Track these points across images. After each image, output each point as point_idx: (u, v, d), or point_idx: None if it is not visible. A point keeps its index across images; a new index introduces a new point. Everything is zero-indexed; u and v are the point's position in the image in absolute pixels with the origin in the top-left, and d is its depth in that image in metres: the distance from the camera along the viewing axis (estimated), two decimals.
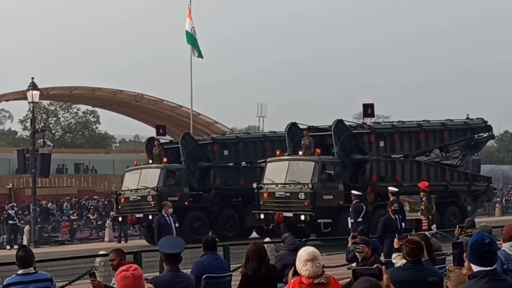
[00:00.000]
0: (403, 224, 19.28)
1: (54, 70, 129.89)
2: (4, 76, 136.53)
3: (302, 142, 30.59)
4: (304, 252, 6.62)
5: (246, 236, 34.04)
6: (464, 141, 35.51)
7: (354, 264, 13.36)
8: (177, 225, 20.90)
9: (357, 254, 10.84)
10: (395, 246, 9.86)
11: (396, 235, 10.70)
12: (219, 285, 10.68)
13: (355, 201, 24.37)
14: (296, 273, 6.89)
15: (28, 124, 69.79)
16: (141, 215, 33.59)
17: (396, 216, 18.63)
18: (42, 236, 38.67)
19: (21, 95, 50.06)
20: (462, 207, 33.64)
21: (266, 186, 30.13)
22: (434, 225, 24.61)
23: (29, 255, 8.93)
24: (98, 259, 15.65)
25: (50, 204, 49.31)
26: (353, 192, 25.20)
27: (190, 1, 44.30)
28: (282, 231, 28.72)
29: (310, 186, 28.62)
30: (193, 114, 48.62)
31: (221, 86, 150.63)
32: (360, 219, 23.23)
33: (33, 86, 38.86)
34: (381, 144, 31.18)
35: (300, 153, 30.15)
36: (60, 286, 12.93)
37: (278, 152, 31.00)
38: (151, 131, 40.56)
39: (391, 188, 24.05)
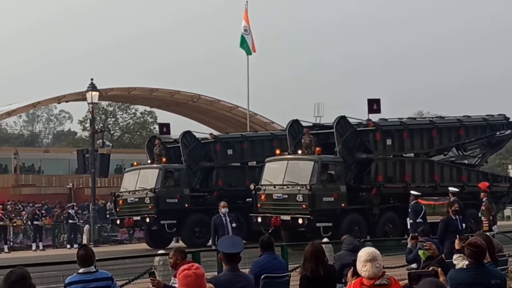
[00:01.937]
0: (463, 224, 19.01)
1: (113, 71, 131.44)
2: (63, 77, 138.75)
3: (303, 140, 28.76)
4: (364, 252, 6.56)
5: (255, 240, 32.23)
6: (484, 139, 33.35)
7: (414, 265, 13.24)
8: (234, 225, 20.75)
9: (420, 253, 10.72)
10: (456, 247, 9.72)
11: (457, 236, 10.53)
12: (277, 285, 10.64)
13: (414, 201, 24.08)
14: (355, 273, 6.84)
15: (87, 125, 70.66)
16: (138, 217, 32.34)
17: (457, 217, 18.38)
18: (101, 235, 39.20)
19: (80, 96, 50.71)
20: None
21: (264, 187, 28.23)
22: (495, 226, 24.17)
23: (90, 254, 9.04)
24: (157, 258, 15.76)
25: (109, 203, 49.89)
26: (412, 192, 24.88)
27: (247, 1, 44.18)
28: (283, 236, 27.46)
29: (308, 187, 26.71)
30: (249, 114, 48.60)
31: (279, 85, 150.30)
32: (419, 220, 22.95)
33: (92, 87, 39.40)
34: (388, 142, 29.05)
35: (299, 152, 28.32)
36: (120, 285, 13.03)
37: (277, 151, 29.16)
38: (208, 132, 40.70)
39: (451, 189, 23.75)
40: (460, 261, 9.36)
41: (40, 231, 37.89)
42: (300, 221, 26.57)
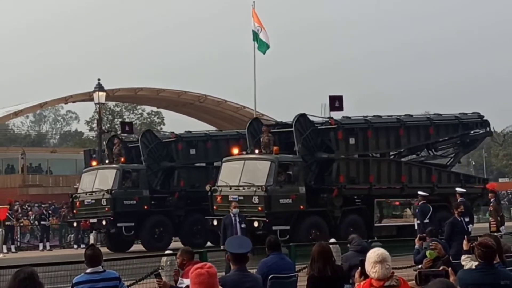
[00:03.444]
0: (469, 225, 18.93)
1: (120, 71, 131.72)
2: (71, 78, 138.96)
3: (261, 139, 27.17)
4: (373, 253, 6.50)
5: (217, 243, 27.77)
6: (456, 138, 31.69)
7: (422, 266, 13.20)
8: (243, 225, 20.72)
9: (427, 253, 10.68)
10: (465, 248, 9.68)
11: (465, 236, 10.50)
12: (285, 285, 10.62)
13: (421, 202, 23.96)
14: (362, 274, 6.81)
15: (94, 125, 70.86)
16: (95, 220, 31.09)
17: (462, 218, 18.30)
18: None
19: (87, 97, 50.82)
20: None
21: (220, 189, 26.57)
22: (503, 227, 24.05)
23: (97, 254, 9.04)
24: (164, 259, 15.76)
25: None
26: (420, 193, 24.69)
27: (254, 1, 43.92)
28: None
29: (264, 188, 25.21)
30: (256, 115, 48.46)
31: (286, 85, 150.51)
32: (426, 220, 22.83)
33: (99, 88, 39.42)
34: (351, 141, 27.46)
35: (257, 151, 26.86)
36: (128, 284, 13.05)
37: (235, 151, 27.62)
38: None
39: (458, 189, 23.58)
40: (468, 262, 9.33)
41: (47, 231, 37.97)
42: (256, 224, 25.01)
